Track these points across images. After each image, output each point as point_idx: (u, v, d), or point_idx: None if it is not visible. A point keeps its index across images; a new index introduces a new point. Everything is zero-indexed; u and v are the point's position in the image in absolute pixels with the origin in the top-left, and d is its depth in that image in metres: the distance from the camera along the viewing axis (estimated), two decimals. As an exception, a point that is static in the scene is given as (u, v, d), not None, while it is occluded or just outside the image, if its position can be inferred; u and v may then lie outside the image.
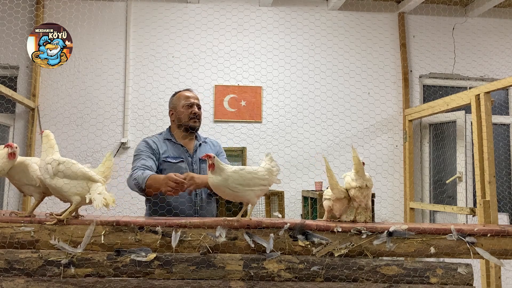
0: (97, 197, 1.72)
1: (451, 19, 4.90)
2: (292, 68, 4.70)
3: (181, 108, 2.62)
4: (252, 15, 4.71)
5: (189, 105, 2.61)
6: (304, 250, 1.78)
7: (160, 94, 4.49)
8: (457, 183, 4.42)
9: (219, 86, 4.59)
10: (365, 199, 1.96)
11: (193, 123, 2.61)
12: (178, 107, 2.63)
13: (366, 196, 1.96)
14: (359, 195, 1.94)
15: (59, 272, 1.67)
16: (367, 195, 1.97)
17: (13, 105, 4.35)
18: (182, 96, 2.67)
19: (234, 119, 4.59)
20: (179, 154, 2.56)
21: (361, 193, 1.94)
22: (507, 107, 4.93)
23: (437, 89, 4.92)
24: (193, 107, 2.62)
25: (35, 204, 1.91)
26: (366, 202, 1.97)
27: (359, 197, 1.94)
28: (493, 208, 3.25)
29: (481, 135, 3.39)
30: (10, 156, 1.80)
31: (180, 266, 1.71)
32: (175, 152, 2.57)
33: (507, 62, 4.88)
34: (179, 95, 2.68)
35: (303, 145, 4.57)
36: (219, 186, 1.89)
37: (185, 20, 4.63)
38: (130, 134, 4.44)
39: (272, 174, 1.97)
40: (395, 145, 4.69)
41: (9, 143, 1.82)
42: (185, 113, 2.60)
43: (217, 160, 1.90)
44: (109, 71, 4.48)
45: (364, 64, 4.77)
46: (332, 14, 4.82)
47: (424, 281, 1.76)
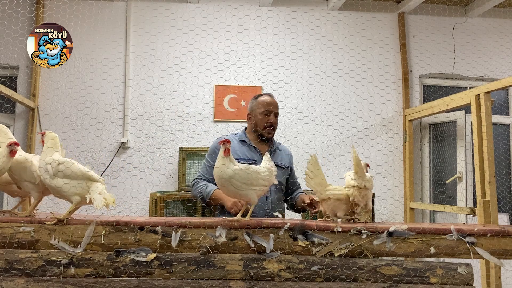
0: (97, 197, 1.73)
1: (451, 19, 4.90)
2: (292, 68, 4.70)
3: (259, 115, 2.61)
4: (252, 15, 4.71)
5: (266, 113, 2.61)
6: (304, 250, 1.78)
7: (160, 94, 4.49)
8: (457, 183, 4.42)
9: (219, 86, 4.59)
10: (363, 199, 1.96)
11: (268, 134, 2.62)
12: (256, 113, 2.63)
13: (365, 196, 1.96)
14: (357, 195, 1.94)
15: (59, 272, 1.67)
16: (365, 195, 1.96)
17: (13, 105, 4.35)
18: (261, 103, 2.65)
19: (234, 119, 4.58)
20: (252, 156, 2.57)
21: (360, 193, 1.94)
22: (507, 107, 4.93)
23: (437, 89, 4.92)
24: (270, 116, 2.62)
25: (34, 203, 1.91)
26: (366, 202, 1.97)
27: (357, 196, 1.94)
28: (493, 208, 3.25)
29: (481, 135, 3.39)
30: (12, 154, 1.81)
31: (180, 266, 1.71)
32: (248, 154, 2.58)
33: (507, 62, 4.88)
34: (259, 101, 2.66)
35: (303, 145, 4.57)
36: (224, 180, 1.89)
37: (185, 20, 4.62)
38: (130, 134, 4.44)
39: (271, 174, 1.98)
40: (395, 145, 4.69)
41: (16, 142, 1.83)
42: (262, 120, 2.60)
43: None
44: (109, 71, 4.48)
45: (364, 64, 4.77)
46: (332, 14, 4.82)
47: (424, 281, 1.76)
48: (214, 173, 1.93)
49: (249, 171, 1.91)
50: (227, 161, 1.90)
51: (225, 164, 1.89)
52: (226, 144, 1.91)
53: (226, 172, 1.88)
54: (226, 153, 1.90)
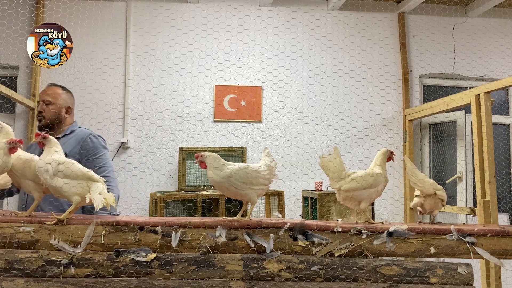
0: (98, 197, 1.72)
1: (451, 19, 4.90)
2: (292, 68, 4.70)
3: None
4: (252, 15, 4.71)
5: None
6: (304, 250, 1.78)
7: (160, 94, 4.49)
8: (457, 183, 4.43)
9: (219, 86, 4.59)
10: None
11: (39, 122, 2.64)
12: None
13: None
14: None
15: (59, 272, 1.67)
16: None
17: (13, 105, 4.35)
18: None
19: (234, 119, 4.59)
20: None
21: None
22: (507, 107, 4.93)
23: (437, 89, 4.92)
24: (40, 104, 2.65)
25: (35, 203, 1.91)
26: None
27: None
28: (493, 208, 3.25)
29: (481, 135, 3.39)
30: (11, 151, 1.81)
31: (180, 266, 1.71)
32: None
33: (507, 62, 4.88)
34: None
35: (303, 145, 4.57)
36: (221, 183, 1.89)
37: (185, 20, 4.63)
38: (130, 134, 4.44)
39: (272, 171, 1.97)
40: (395, 145, 4.69)
41: (20, 140, 1.84)
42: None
43: (212, 156, 1.90)
44: (109, 71, 4.48)
45: (364, 64, 4.77)
46: (332, 14, 4.82)
47: (424, 281, 1.76)
48: (209, 179, 1.93)
49: (248, 170, 1.90)
50: (217, 167, 1.89)
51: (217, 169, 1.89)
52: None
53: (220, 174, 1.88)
54: (202, 165, 1.90)
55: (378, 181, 1.98)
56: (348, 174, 1.97)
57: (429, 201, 2.02)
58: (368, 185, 1.95)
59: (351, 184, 1.94)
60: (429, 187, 2.01)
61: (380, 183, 1.99)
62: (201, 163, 1.91)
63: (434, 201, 2.02)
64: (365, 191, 1.95)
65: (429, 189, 2.01)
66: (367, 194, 1.96)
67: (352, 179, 1.95)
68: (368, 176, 1.96)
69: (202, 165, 1.90)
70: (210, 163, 1.89)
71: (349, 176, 1.96)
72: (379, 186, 1.99)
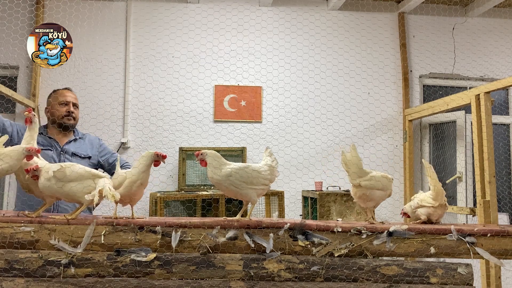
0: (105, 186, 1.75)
1: (451, 19, 4.90)
2: (292, 68, 4.70)
3: (57, 105, 2.78)
4: (252, 15, 4.71)
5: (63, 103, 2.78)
6: (304, 250, 1.78)
7: (160, 94, 4.49)
8: (457, 183, 4.43)
9: (219, 86, 4.59)
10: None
11: (68, 121, 2.78)
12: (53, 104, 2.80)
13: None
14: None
15: (59, 272, 1.67)
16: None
17: (13, 105, 4.35)
18: (59, 94, 2.83)
19: (234, 119, 4.59)
20: (49, 143, 2.74)
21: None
22: (507, 107, 4.93)
23: (437, 89, 4.92)
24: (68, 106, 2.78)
25: (44, 206, 1.91)
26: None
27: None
28: (493, 208, 3.25)
29: (481, 135, 3.39)
30: (28, 159, 1.82)
31: (180, 266, 1.71)
32: (45, 141, 2.72)
33: (507, 62, 4.88)
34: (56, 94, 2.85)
35: (303, 145, 4.57)
36: (220, 182, 1.89)
37: (185, 20, 4.62)
38: (130, 134, 4.44)
39: (273, 171, 1.97)
40: (395, 145, 4.69)
41: (38, 149, 1.86)
42: (59, 110, 2.76)
43: (212, 155, 1.90)
44: (109, 71, 4.48)
45: (364, 64, 4.77)
46: (332, 14, 4.82)
47: (424, 281, 1.76)
48: (209, 178, 1.93)
49: (248, 170, 1.90)
50: (216, 166, 1.89)
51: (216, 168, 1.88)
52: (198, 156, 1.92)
53: (220, 173, 1.88)
54: (202, 163, 1.91)
55: (390, 185, 2.07)
56: (367, 172, 2.04)
57: (439, 211, 2.02)
58: (382, 187, 2.02)
59: (370, 181, 2.00)
60: (443, 197, 2.03)
61: (390, 188, 2.07)
62: (201, 161, 1.90)
63: (442, 210, 2.03)
64: (379, 192, 2.02)
65: (443, 198, 2.03)
66: (379, 195, 2.03)
67: (371, 177, 2.02)
68: (383, 178, 2.04)
69: (202, 163, 1.90)
70: (210, 162, 1.89)
71: (368, 174, 2.03)
72: (388, 191, 2.06)
